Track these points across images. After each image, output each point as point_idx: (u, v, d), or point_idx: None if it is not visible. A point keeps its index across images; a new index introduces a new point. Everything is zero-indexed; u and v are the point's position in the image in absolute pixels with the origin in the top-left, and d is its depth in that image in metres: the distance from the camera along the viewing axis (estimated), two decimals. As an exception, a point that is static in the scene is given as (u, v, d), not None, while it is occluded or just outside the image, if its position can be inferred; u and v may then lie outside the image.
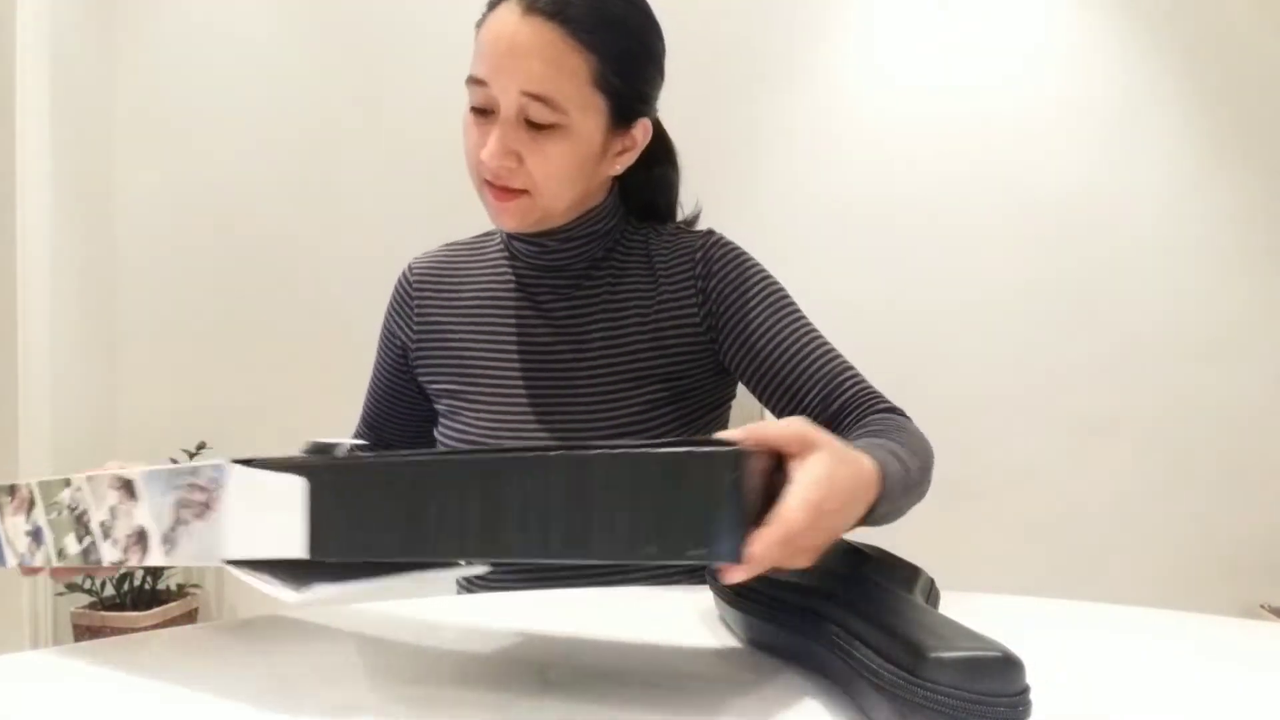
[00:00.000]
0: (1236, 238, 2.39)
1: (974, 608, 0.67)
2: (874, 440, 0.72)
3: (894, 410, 0.87)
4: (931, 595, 0.64)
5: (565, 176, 0.87)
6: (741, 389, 0.99)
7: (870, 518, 0.62)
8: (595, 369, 0.92)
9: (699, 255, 0.93)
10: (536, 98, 0.82)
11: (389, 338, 1.04)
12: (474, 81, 0.85)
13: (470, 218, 1.16)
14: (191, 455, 2.23)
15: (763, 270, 0.94)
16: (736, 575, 0.47)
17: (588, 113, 0.85)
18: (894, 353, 2.37)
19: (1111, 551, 2.38)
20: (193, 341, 2.29)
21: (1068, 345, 2.40)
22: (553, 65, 0.81)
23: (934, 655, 0.45)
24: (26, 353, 1.93)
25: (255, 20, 2.30)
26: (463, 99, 0.89)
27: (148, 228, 2.28)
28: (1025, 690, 0.45)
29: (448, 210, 2.40)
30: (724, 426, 1.01)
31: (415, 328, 1.01)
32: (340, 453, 0.57)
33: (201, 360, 2.29)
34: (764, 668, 0.58)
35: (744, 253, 0.95)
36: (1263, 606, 2.31)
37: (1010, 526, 2.39)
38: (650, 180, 0.99)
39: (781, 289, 0.94)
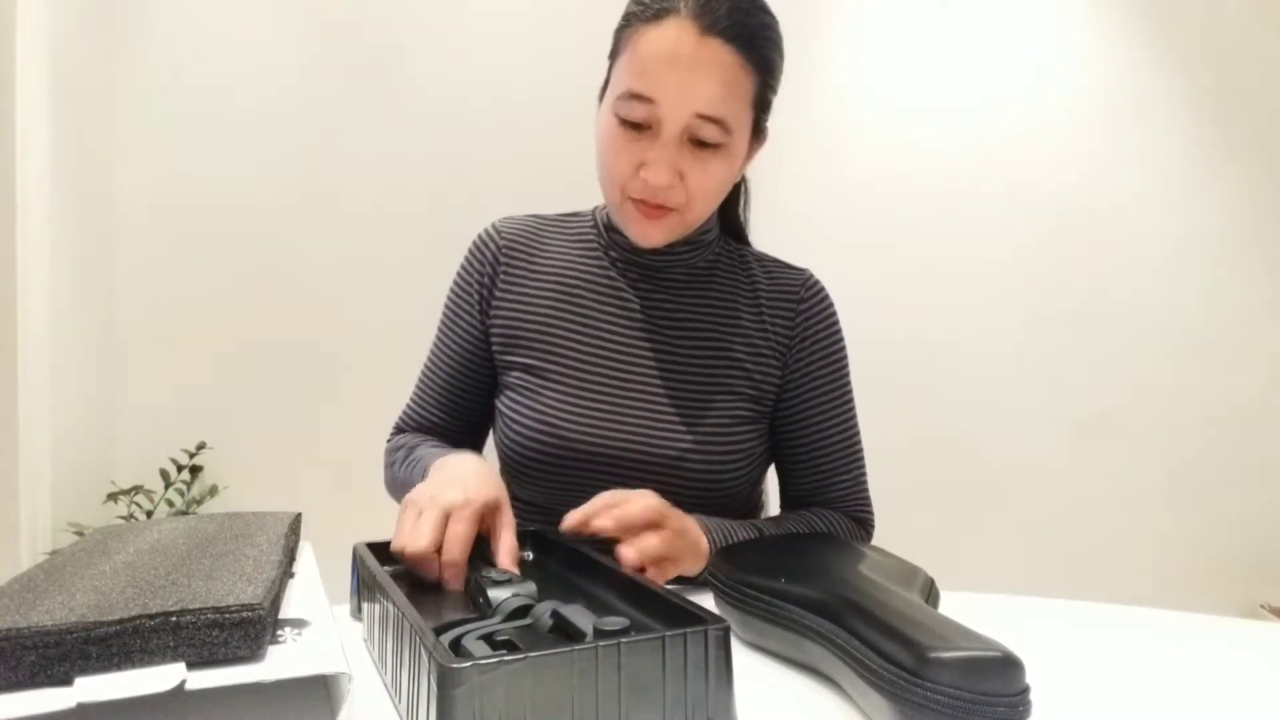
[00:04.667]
0: (1236, 238, 2.39)
1: (974, 608, 0.67)
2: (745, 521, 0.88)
3: (855, 518, 0.97)
4: (931, 595, 0.64)
5: (718, 194, 0.89)
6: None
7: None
8: (689, 375, 0.92)
9: (804, 299, 0.97)
10: (710, 119, 0.81)
11: (466, 298, 0.98)
12: (635, 97, 0.81)
13: (471, 216, 1.16)
14: (191, 455, 2.23)
15: (843, 341, 0.99)
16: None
17: (743, 130, 0.86)
18: (895, 353, 2.37)
19: (1111, 551, 2.38)
20: (193, 341, 2.29)
21: (1068, 345, 2.40)
22: (727, 88, 0.81)
23: (934, 655, 0.45)
24: (26, 352, 1.93)
25: (255, 20, 2.30)
26: (462, 99, 0.89)
27: (148, 227, 2.28)
28: (1025, 690, 0.45)
29: (448, 210, 2.40)
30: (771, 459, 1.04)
31: (499, 291, 0.97)
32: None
33: (201, 360, 2.29)
34: (764, 668, 0.58)
35: (836, 313, 0.99)
36: (1263, 606, 2.31)
37: (1010, 526, 2.39)
38: (734, 190, 1.02)
39: (847, 367, 0.98)
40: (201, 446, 2.26)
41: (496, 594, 0.57)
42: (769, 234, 1.23)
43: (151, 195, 2.28)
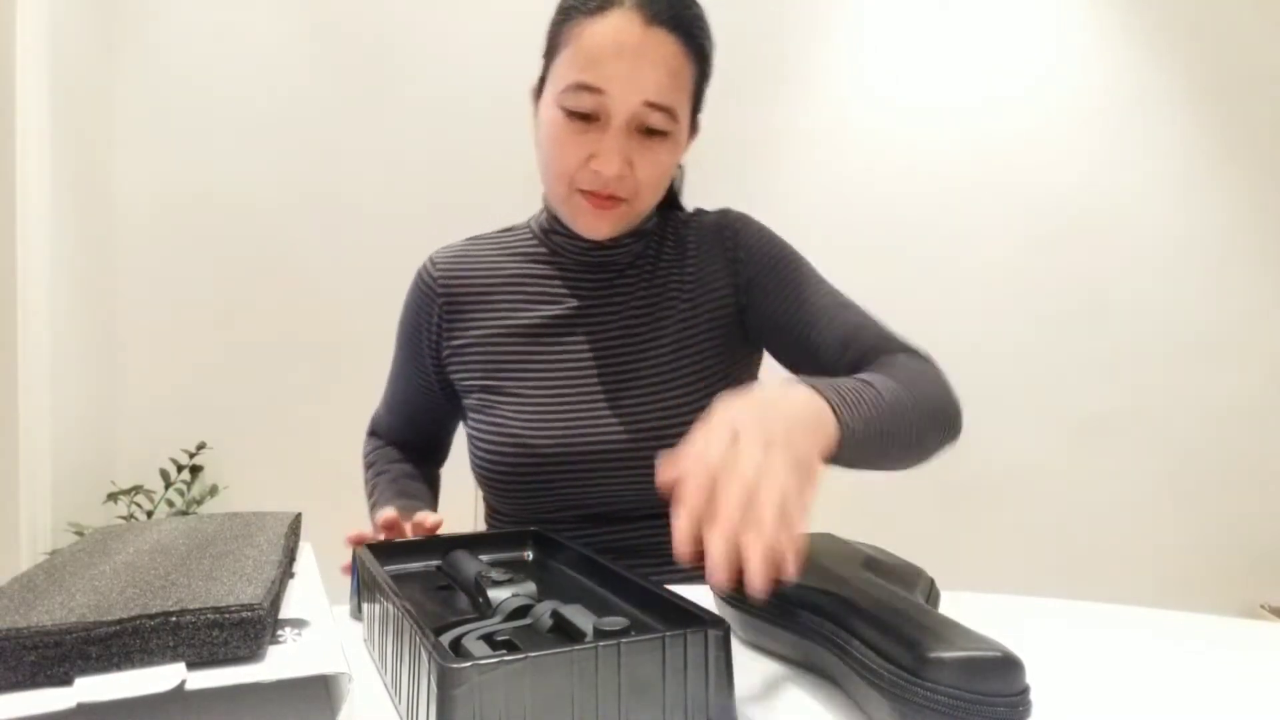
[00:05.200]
0: (1237, 238, 2.39)
1: (974, 608, 0.67)
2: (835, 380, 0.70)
3: (905, 350, 0.84)
4: (931, 595, 0.64)
5: (663, 182, 0.89)
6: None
7: (844, 430, 0.60)
8: (637, 358, 0.92)
9: (726, 231, 0.97)
10: (658, 107, 0.82)
11: (414, 334, 1.01)
12: (583, 89, 0.81)
13: (471, 216, 1.16)
14: (191, 455, 2.23)
15: (780, 238, 0.98)
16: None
17: (686, 119, 0.88)
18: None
19: (1111, 551, 2.38)
20: (193, 341, 2.29)
21: (1068, 345, 2.40)
22: (673, 76, 0.83)
23: (934, 655, 0.45)
24: (26, 352, 1.93)
25: (255, 21, 2.30)
26: (462, 99, 0.89)
27: (148, 228, 2.28)
28: (1025, 690, 0.45)
29: (448, 209, 2.40)
30: None
31: (445, 323, 0.98)
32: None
33: (201, 360, 2.29)
34: (764, 668, 0.58)
35: (763, 225, 0.99)
36: (1263, 606, 2.31)
37: (1010, 526, 2.39)
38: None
39: (799, 255, 0.96)
40: (201, 446, 2.26)
41: (496, 594, 0.57)
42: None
43: (151, 195, 2.28)
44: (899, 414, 0.68)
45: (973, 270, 2.40)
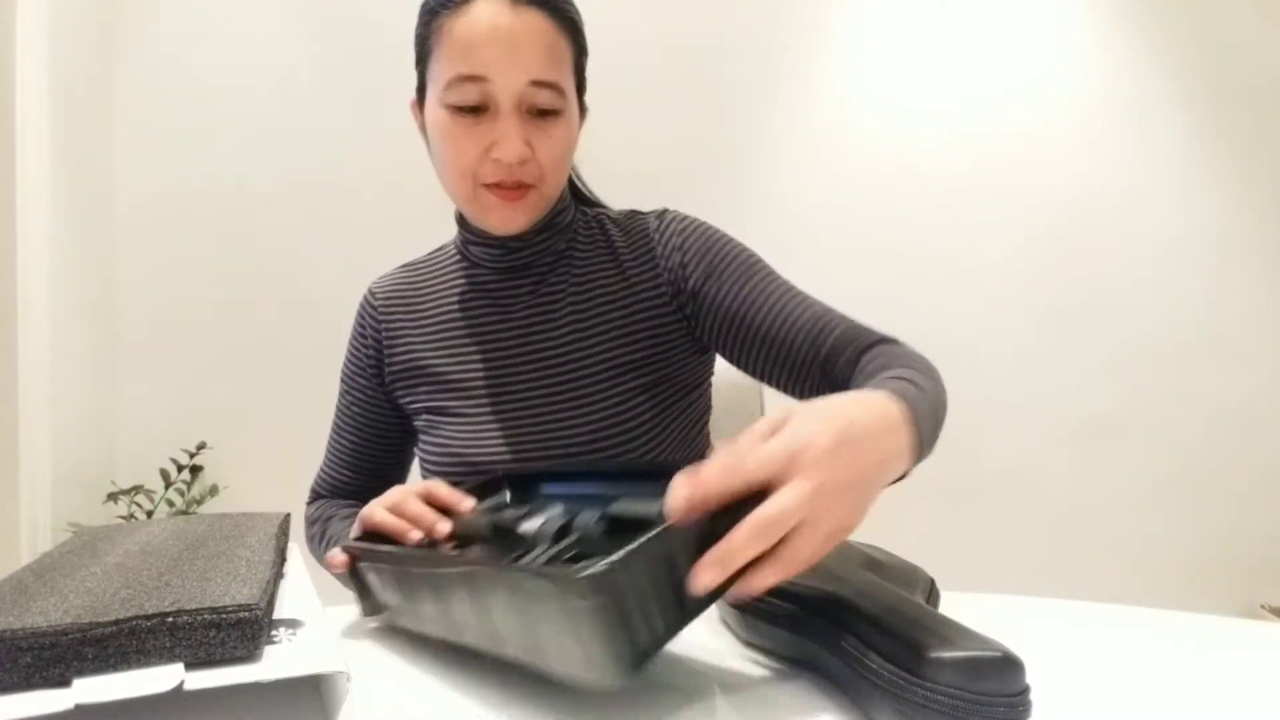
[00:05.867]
0: (1237, 238, 2.39)
1: (974, 608, 0.67)
2: (877, 376, 0.68)
3: (885, 340, 0.82)
4: (931, 595, 0.64)
5: (565, 162, 0.88)
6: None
7: (921, 439, 0.57)
8: (566, 367, 0.90)
9: (657, 235, 0.93)
10: (544, 84, 0.81)
11: (358, 363, 1.02)
12: (465, 80, 0.80)
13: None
14: (192, 455, 2.23)
15: (724, 236, 0.93)
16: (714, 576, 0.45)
17: (571, 98, 0.86)
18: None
19: (1111, 551, 2.38)
20: (193, 341, 2.29)
21: (1069, 345, 2.40)
22: (551, 52, 0.82)
23: (934, 655, 0.45)
24: (26, 353, 1.93)
25: (256, 20, 2.30)
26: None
27: (148, 227, 2.28)
28: (1025, 690, 0.45)
29: (449, 209, 2.40)
30: (705, 406, 1.00)
31: (386, 349, 0.99)
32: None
33: (201, 360, 2.29)
34: (764, 668, 0.58)
35: (702, 222, 0.94)
36: (1263, 606, 2.31)
37: (1010, 526, 2.39)
38: None
39: (747, 251, 0.92)
40: (201, 446, 2.26)
41: (528, 526, 0.56)
42: (769, 234, 1.24)
43: (152, 195, 2.28)
44: (938, 412, 0.68)
45: (973, 270, 2.40)
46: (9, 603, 0.44)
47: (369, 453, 1.03)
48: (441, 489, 0.73)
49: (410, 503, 0.71)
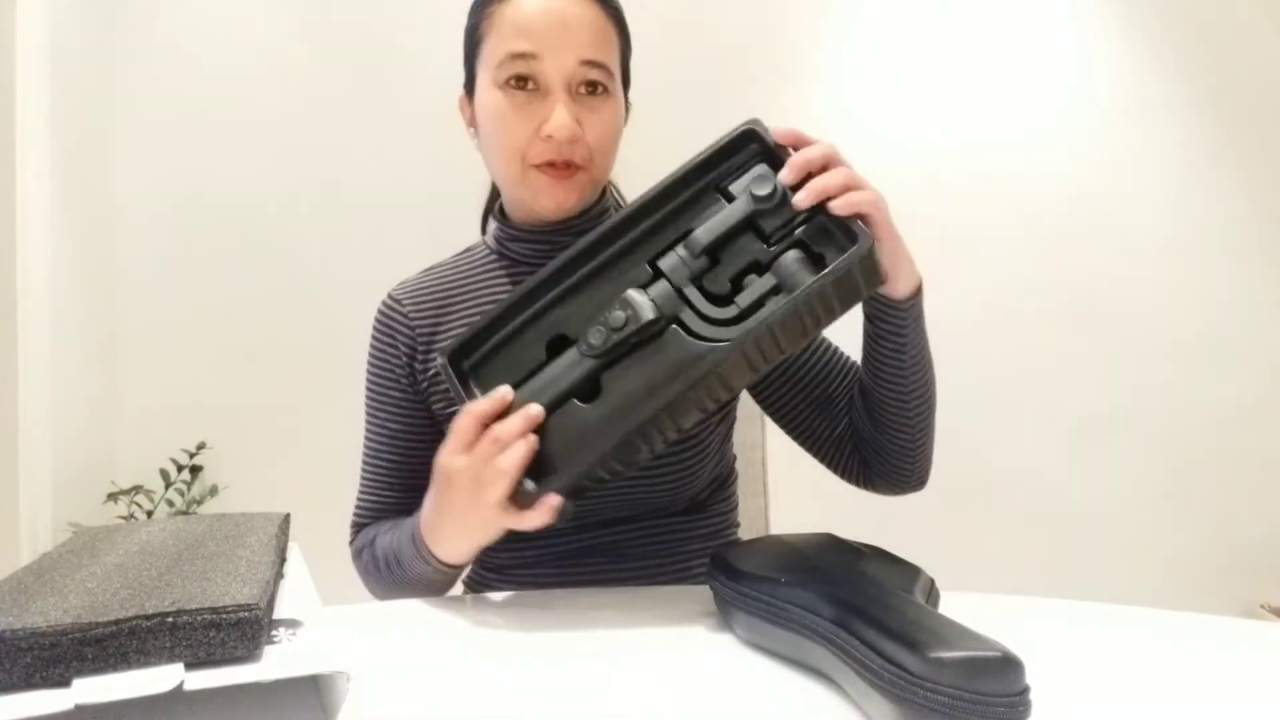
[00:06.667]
0: (1236, 238, 2.39)
1: (974, 608, 0.67)
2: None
3: None
4: (931, 595, 0.64)
5: (613, 145, 0.90)
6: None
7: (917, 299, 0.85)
8: None
9: None
10: (595, 64, 0.84)
11: (389, 374, 0.96)
12: (518, 57, 0.83)
13: (472, 216, 1.16)
14: (192, 455, 2.23)
15: None
16: None
17: (619, 84, 0.89)
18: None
19: (1111, 551, 2.38)
20: (193, 341, 2.29)
21: (1068, 345, 2.40)
22: (602, 34, 0.85)
23: (934, 655, 0.45)
24: (26, 353, 1.93)
25: (256, 21, 2.30)
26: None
27: (148, 228, 2.28)
28: (1025, 690, 0.45)
29: (450, 209, 2.39)
30: (734, 406, 1.01)
31: (421, 354, 0.94)
32: None
33: (201, 360, 2.29)
34: (764, 668, 0.58)
35: None
36: (1263, 606, 2.31)
37: (1010, 526, 2.39)
38: None
39: None
40: (201, 446, 2.25)
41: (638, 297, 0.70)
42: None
43: (152, 195, 2.28)
44: (928, 364, 0.92)
45: (972, 270, 2.40)
46: (9, 603, 0.44)
47: (412, 465, 0.95)
48: (478, 407, 0.69)
49: (483, 440, 0.67)
